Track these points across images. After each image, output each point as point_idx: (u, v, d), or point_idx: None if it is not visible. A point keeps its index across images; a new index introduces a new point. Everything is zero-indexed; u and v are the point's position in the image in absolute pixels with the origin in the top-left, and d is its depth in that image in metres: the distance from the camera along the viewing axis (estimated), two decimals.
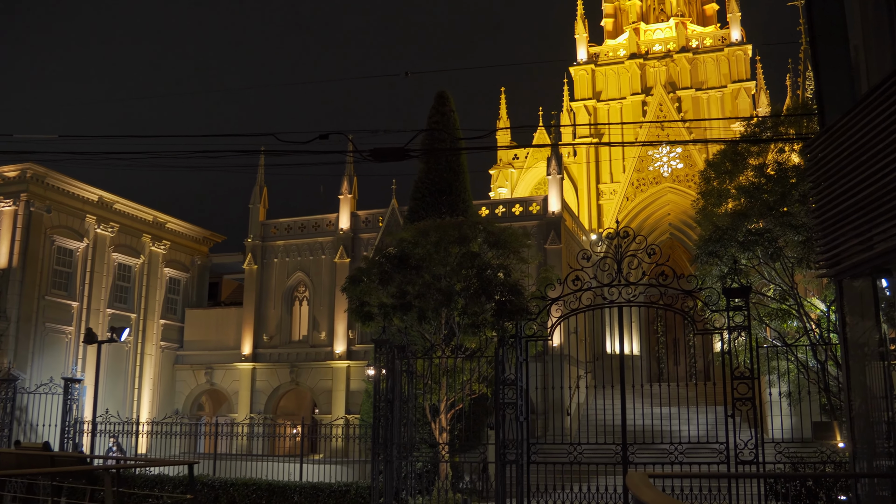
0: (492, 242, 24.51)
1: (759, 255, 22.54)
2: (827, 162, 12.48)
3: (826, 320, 22.72)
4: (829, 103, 13.21)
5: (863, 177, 11.49)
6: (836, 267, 12.25)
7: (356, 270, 25.62)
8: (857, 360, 12.04)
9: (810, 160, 13.11)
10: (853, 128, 11.77)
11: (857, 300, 12.32)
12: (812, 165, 13.05)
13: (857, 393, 12.10)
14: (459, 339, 24.64)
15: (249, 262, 44.18)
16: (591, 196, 51.35)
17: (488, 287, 23.32)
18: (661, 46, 52.75)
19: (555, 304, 21.77)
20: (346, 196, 43.43)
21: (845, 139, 11.95)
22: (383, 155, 19.36)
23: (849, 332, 12.48)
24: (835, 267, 12.33)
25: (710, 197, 27.44)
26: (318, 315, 42.99)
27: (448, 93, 37.49)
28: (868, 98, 11.55)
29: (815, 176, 12.95)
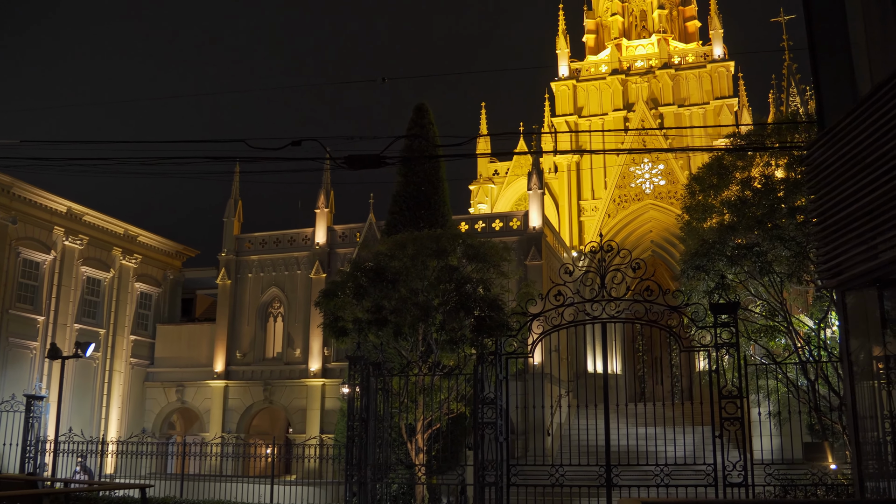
0: (471, 256, 23.69)
1: (746, 270, 21.85)
2: (827, 166, 11.75)
3: (816, 337, 22.03)
4: (828, 105, 12.51)
5: (866, 181, 10.74)
6: (838, 278, 11.49)
7: (330, 284, 24.72)
8: (862, 378, 11.26)
9: (809, 165, 12.38)
10: (856, 129, 11.03)
11: (860, 313, 11.56)
12: (811, 170, 12.32)
13: (863, 414, 11.31)
14: (437, 355, 23.77)
15: (223, 276, 43.11)
16: (573, 212, 50.73)
17: (467, 302, 22.50)
18: (643, 62, 52.38)
19: (536, 320, 21.05)
20: (323, 210, 42.53)
21: (847, 141, 11.21)
22: (358, 162, 18.56)
23: (852, 349, 11.71)
24: (836, 278, 11.57)
25: (694, 211, 26.76)
26: (293, 332, 41.95)
27: (427, 105, 36.79)
28: (872, 97, 10.81)
29: (815, 182, 12.21)
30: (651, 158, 49.78)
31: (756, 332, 22.94)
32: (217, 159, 18.49)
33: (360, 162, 18.48)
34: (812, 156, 12.18)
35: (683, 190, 47.32)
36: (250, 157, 18.84)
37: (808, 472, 19.82)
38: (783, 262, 21.25)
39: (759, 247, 21.08)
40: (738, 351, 19.08)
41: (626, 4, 55.41)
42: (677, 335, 20.09)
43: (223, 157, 19.40)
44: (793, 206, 21.28)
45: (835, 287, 11.45)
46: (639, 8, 55.49)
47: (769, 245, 21.05)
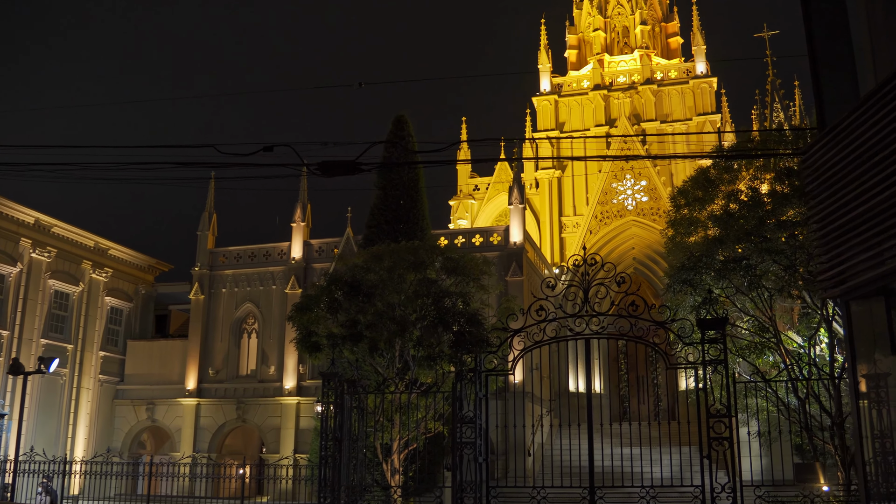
0: (450, 269, 22.88)
1: (734, 285, 21.15)
2: (829, 168, 11.02)
3: (806, 355, 21.34)
4: (829, 104, 11.81)
5: (872, 182, 9.99)
6: (842, 286, 10.72)
7: (304, 298, 23.83)
8: (872, 395, 10.50)
9: (808, 167, 11.65)
10: (860, 127, 10.29)
11: (866, 324, 10.80)
12: (811, 173, 11.59)
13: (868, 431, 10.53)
14: (414, 372, 22.92)
15: (196, 291, 42.02)
16: (554, 229, 50.05)
17: (446, 316, 21.66)
18: (625, 78, 51.96)
19: (517, 335, 20.26)
20: (299, 224, 41.61)
21: (851, 140, 10.48)
22: (333, 168, 17.72)
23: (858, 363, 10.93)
24: (839, 286, 10.80)
25: (680, 226, 26.09)
26: (268, 348, 40.90)
27: (406, 117, 36.14)
28: (878, 93, 10.07)
29: (815, 185, 11.47)
30: (633, 175, 49.27)
31: (744, 349, 22.22)
32: (184, 165, 17.62)
33: (334, 168, 17.68)
34: (812, 157, 11.45)
35: (667, 206, 46.81)
36: (220, 164, 17.93)
37: (799, 494, 19.06)
38: (772, 275, 20.57)
39: (748, 260, 20.38)
40: (726, 368, 18.38)
41: (609, 20, 55.06)
42: (663, 352, 19.37)
43: (191, 162, 18.49)
44: (781, 220, 20.63)
45: (839, 296, 10.70)
46: (621, 24, 55.14)
47: (758, 258, 20.36)
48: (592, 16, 55.16)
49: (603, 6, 55.42)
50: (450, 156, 45.47)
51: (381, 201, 34.89)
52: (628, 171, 49.31)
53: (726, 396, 18.05)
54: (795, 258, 19.85)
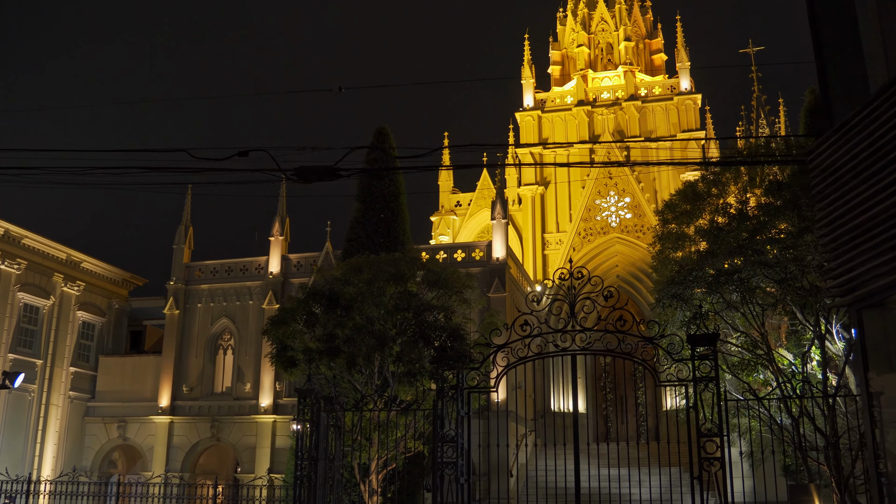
0: (432, 282, 22.09)
1: (725, 300, 20.47)
2: (839, 167, 10.32)
3: (799, 373, 20.67)
4: (837, 101, 11.14)
5: (887, 181, 9.28)
6: (853, 294, 10.00)
7: (280, 311, 22.94)
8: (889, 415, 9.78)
9: (815, 167, 10.97)
10: (874, 123, 9.59)
11: (879, 334, 10.08)
12: (818, 174, 10.89)
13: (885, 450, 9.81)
14: (394, 389, 22.05)
15: (171, 306, 40.95)
16: (537, 246, 49.40)
17: (427, 331, 20.85)
18: (609, 94, 51.56)
19: (501, 351, 19.51)
20: (277, 238, 40.70)
21: (863, 137, 9.78)
22: (310, 174, 17.00)
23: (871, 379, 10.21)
24: (851, 294, 10.08)
25: (667, 240, 25.45)
26: (244, 365, 39.85)
27: (388, 129, 35.38)
28: (894, 86, 9.41)
29: (823, 186, 10.77)
30: (617, 191, 48.75)
31: (734, 366, 21.53)
32: (155, 170, 16.81)
33: (311, 174, 16.97)
34: (820, 157, 10.76)
35: (651, 222, 46.37)
36: (193, 169, 17.12)
37: None
38: (765, 289, 19.93)
39: (741, 273, 19.70)
40: (717, 385, 17.69)
41: (593, 36, 54.72)
42: (652, 369, 18.68)
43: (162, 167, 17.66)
44: (773, 233, 20.01)
45: (851, 304, 9.98)
46: (605, 41, 54.82)
47: (751, 271, 19.69)
48: (576, 32, 54.80)
49: (587, 22, 55.10)
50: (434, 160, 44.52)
51: (361, 215, 34.05)
52: (612, 187, 48.80)
53: (717, 415, 17.40)
54: (788, 272, 19.21)
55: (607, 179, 48.98)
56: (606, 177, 48.98)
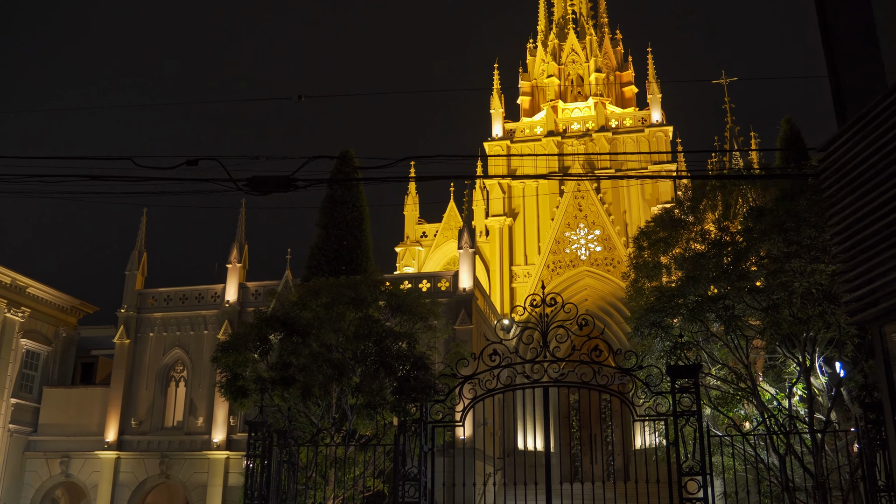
0: (395, 307, 20.66)
1: (707, 328, 19.26)
2: (856, 165, 9.08)
3: (785, 408, 19.46)
4: (850, 94, 9.97)
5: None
6: (874, 308, 8.72)
7: (231, 337, 21.35)
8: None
9: (828, 167, 9.76)
10: None
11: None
12: (831, 174, 9.66)
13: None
14: (353, 423, 20.52)
15: (121, 335, 38.97)
16: (504, 279, 48.10)
17: (389, 359, 19.35)
18: (579, 125, 50.75)
19: (468, 383, 18.16)
20: (235, 265, 39.01)
21: (884, 131, 8.59)
22: (263, 184, 15.56)
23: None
24: (870, 309, 8.78)
25: (642, 269, 24.31)
26: (197, 398, 37.91)
27: (352, 152, 34.10)
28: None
29: (837, 187, 9.52)
30: (587, 224, 47.71)
31: (715, 400, 20.28)
32: (95, 179, 15.30)
33: (266, 185, 15.54)
34: (833, 155, 9.54)
35: (621, 256, 45.46)
36: (139, 178, 15.68)
37: None
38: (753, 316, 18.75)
39: (725, 300, 18.50)
40: (699, 420, 16.50)
41: (563, 67, 54.05)
42: (630, 402, 17.43)
43: (103, 176, 16.11)
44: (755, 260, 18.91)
45: (871, 321, 8.71)
46: (575, 72, 54.17)
47: (736, 297, 18.51)
48: (546, 62, 54.12)
49: (557, 53, 54.46)
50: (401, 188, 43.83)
51: (322, 241, 32.64)
52: (581, 220, 47.78)
53: (699, 451, 16.20)
54: (775, 298, 18.04)
55: (577, 212, 47.97)
56: (576, 209, 47.98)
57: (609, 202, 47.90)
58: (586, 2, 57.29)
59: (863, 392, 17.03)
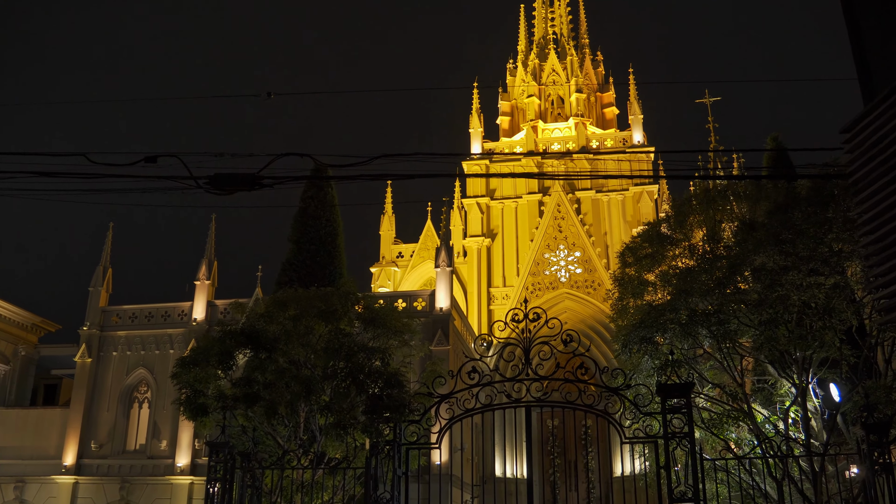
0: (368, 320, 19.42)
1: (700, 344, 18.17)
2: (886, 147, 8.06)
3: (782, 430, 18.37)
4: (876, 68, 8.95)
5: None
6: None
7: (192, 351, 20.02)
8: None
9: (852, 150, 8.70)
10: None
11: None
12: (857, 157, 8.61)
13: None
14: (322, 444, 19.19)
15: (83, 353, 37.33)
16: (482, 301, 46.94)
17: (361, 376, 18.09)
18: (559, 146, 49.94)
19: (445, 402, 16.96)
20: (204, 282, 37.58)
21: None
22: (226, 183, 14.31)
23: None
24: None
25: (627, 286, 23.25)
26: (160, 420, 36.29)
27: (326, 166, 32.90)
28: None
29: (864, 171, 8.47)
30: (567, 245, 46.75)
31: (707, 422, 19.15)
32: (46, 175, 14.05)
33: (229, 182, 14.30)
34: (860, 136, 8.48)
35: (603, 277, 44.50)
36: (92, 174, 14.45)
37: None
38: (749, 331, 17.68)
39: (719, 313, 17.43)
40: (692, 442, 15.37)
41: (543, 88, 53.31)
42: (618, 423, 16.32)
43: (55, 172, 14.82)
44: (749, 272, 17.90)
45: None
46: (556, 93, 53.46)
47: (730, 311, 17.45)
48: (526, 82, 53.38)
49: (537, 73, 53.75)
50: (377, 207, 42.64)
51: (294, 256, 31.37)
52: (562, 241, 46.82)
53: (692, 476, 15.07)
54: (772, 312, 17.00)
55: (557, 233, 47.02)
56: (556, 230, 47.03)
57: (590, 224, 47.00)
58: (567, 22, 56.77)
59: (863, 413, 16.09)
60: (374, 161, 15.09)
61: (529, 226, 47.63)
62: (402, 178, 14.88)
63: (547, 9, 57.49)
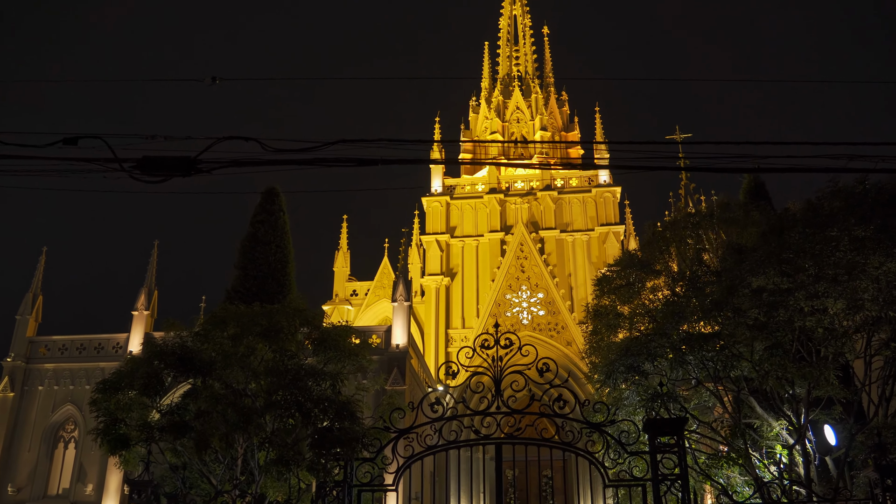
0: (317, 341, 17.12)
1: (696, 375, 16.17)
2: None
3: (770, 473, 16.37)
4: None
5: None
6: None
7: (113, 374, 17.49)
8: None
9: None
10: None
11: None
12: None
13: None
14: (260, 484, 16.70)
15: (5, 387, 34.18)
16: (440, 342, 44.70)
17: (307, 404, 15.72)
18: (523, 184, 48.28)
19: (403, 437, 14.84)
20: (142, 313, 34.85)
21: None
22: (157, 167, 12.23)
23: None
24: None
25: (601, 318, 21.31)
26: (87, 462, 33.19)
27: (279, 189, 30.87)
28: None
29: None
30: (529, 286, 44.84)
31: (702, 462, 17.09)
32: None
33: (159, 167, 12.21)
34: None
35: (567, 320, 42.58)
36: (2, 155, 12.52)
37: None
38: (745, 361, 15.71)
39: (720, 336, 15.45)
40: (685, 486, 13.42)
41: (507, 125, 51.89)
42: (600, 464, 14.35)
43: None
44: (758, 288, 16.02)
45: None
46: (520, 131, 52.05)
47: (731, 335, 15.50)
48: (490, 119, 51.91)
49: (501, 110, 52.35)
50: (331, 244, 40.46)
51: (240, 284, 28.98)
52: (524, 281, 44.90)
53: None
54: (782, 335, 15.08)
55: (519, 273, 45.12)
56: (518, 270, 45.14)
57: (553, 264, 45.21)
58: (532, 61, 55.66)
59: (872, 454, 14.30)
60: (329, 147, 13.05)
61: (491, 265, 45.72)
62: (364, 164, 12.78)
63: (511, 47, 56.42)
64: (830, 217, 17.08)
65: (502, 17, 57.73)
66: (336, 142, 12.76)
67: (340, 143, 12.84)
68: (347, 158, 12.71)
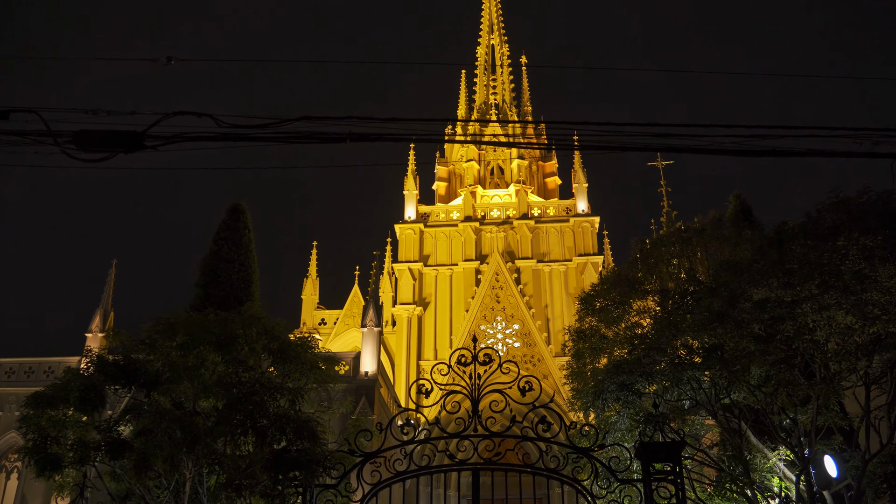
0: (276, 352, 15.51)
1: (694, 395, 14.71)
2: None
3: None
4: None
5: None
6: None
7: (49, 388, 15.74)
8: None
9: None
10: None
11: None
12: None
13: None
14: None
15: None
16: (411, 374, 42.98)
17: (263, 420, 14.04)
18: (499, 213, 46.98)
19: (370, 462, 13.31)
20: (97, 335, 32.99)
21: None
22: (97, 141, 10.86)
23: None
24: None
25: (585, 340, 19.91)
26: (31, 495, 30.98)
27: (245, 206, 29.34)
28: None
29: None
30: (505, 317, 43.36)
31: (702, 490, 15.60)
32: None
33: (100, 141, 10.82)
34: None
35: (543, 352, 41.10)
36: None
37: None
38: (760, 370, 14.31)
39: (721, 350, 14.01)
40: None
41: (483, 153, 50.73)
42: (588, 492, 12.90)
43: None
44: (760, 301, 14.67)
45: None
46: (496, 161, 50.94)
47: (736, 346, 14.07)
48: (466, 147, 50.77)
49: (478, 139, 51.25)
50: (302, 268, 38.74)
51: (199, 303, 27.15)
52: (499, 312, 43.41)
53: None
54: (791, 349, 13.69)
55: (494, 303, 43.64)
56: (494, 300, 43.66)
57: (530, 294, 43.78)
58: (510, 90, 54.77)
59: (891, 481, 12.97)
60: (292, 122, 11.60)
61: (465, 295, 44.21)
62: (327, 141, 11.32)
63: (489, 76, 55.54)
64: (833, 229, 15.99)
65: (480, 45, 56.97)
66: (299, 118, 11.30)
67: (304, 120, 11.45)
68: (310, 132, 11.24)
